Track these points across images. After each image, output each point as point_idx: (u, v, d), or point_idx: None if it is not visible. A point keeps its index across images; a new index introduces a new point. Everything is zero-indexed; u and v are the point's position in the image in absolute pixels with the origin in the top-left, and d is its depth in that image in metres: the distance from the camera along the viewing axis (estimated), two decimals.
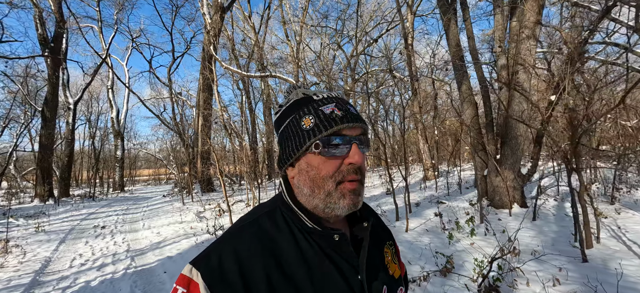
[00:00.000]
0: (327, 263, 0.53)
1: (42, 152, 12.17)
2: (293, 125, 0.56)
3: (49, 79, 11.92)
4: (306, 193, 0.55)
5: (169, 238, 5.04)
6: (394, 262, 0.67)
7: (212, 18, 11.67)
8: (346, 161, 0.53)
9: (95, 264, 3.96)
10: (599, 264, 3.06)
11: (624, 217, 4.62)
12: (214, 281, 0.47)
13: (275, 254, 0.51)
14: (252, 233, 0.53)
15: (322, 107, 0.55)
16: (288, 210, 0.56)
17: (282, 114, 0.59)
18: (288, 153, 0.56)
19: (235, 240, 0.52)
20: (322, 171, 0.53)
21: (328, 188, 0.53)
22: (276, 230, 0.54)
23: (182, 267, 3.20)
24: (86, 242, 5.26)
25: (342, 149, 0.53)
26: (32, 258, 4.35)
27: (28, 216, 8.19)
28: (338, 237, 0.54)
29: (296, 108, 0.57)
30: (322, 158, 0.53)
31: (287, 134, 0.57)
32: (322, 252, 0.54)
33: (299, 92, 0.59)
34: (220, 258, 0.49)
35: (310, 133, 0.53)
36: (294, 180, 0.57)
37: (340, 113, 0.54)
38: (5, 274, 3.70)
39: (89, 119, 23.13)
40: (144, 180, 29.92)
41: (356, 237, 0.60)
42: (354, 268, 0.55)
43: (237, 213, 6.95)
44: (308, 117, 0.55)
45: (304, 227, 0.54)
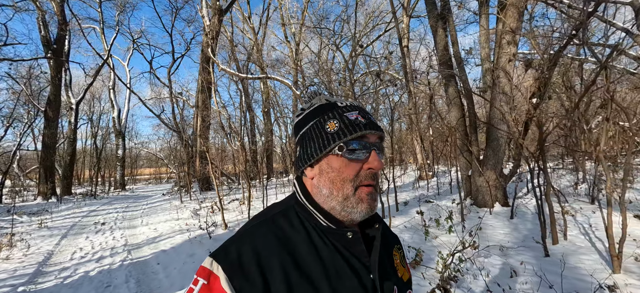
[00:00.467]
0: (340, 261, 0.55)
1: (45, 151, 12.52)
2: (317, 127, 0.58)
3: (52, 80, 12.26)
4: (325, 193, 0.56)
5: (164, 233, 5.33)
6: (402, 265, 0.69)
7: (211, 20, 11.97)
8: (365, 166, 0.56)
9: (94, 257, 4.26)
10: (558, 259, 3.31)
11: (598, 215, 4.85)
12: (234, 273, 0.49)
13: (290, 251, 0.52)
14: (268, 229, 0.55)
15: (346, 113, 0.58)
16: (302, 209, 0.58)
17: (305, 117, 0.61)
18: (310, 153, 0.58)
19: (252, 236, 0.53)
20: (342, 173, 0.55)
21: (347, 191, 0.55)
22: (291, 228, 0.55)
23: (175, 259, 3.49)
24: (86, 237, 5.57)
25: (363, 154, 0.56)
26: (35, 251, 4.66)
27: (31, 213, 8.52)
28: (351, 234, 0.56)
29: (320, 112, 0.59)
30: (344, 161, 0.55)
31: (309, 136, 0.59)
32: (336, 250, 0.55)
33: (322, 98, 0.62)
34: (239, 252, 0.51)
35: (335, 136, 0.55)
36: (314, 181, 0.59)
37: (363, 120, 0.57)
38: (11, 265, 4.01)
39: (91, 119, 23.55)
40: (145, 179, 30.34)
41: (368, 237, 0.61)
42: (366, 268, 0.56)
43: (232, 211, 7.23)
44: (332, 121, 0.57)
45: (318, 225, 0.56)
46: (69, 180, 14.59)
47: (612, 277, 2.77)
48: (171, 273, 3.35)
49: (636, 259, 3.14)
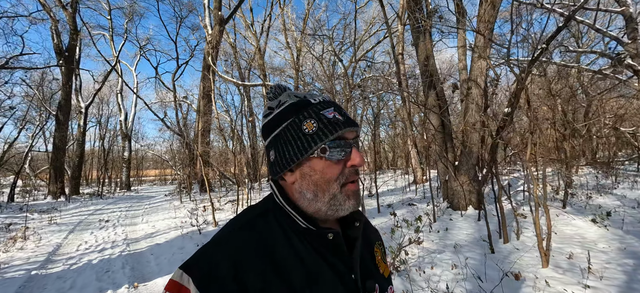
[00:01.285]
0: (321, 263, 0.54)
1: (55, 153, 13.30)
2: (293, 129, 0.55)
3: (63, 85, 13.06)
4: (309, 197, 0.55)
5: (161, 230, 5.89)
6: (383, 261, 0.68)
7: (213, 29, 12.63)
8: (348, 164, 0.55)
9: (97, 248, 4.82)
10: (501, 256, 3.73)
11: (561, 219, 5.23)
12: (206, 285, 0.47)
13: (269, 256, 0.51)
14: (245, 235, 0.53)
15: (322, 112, 0.55)
16: (281, 212, 0.56)
17: (276, 117, 0.58)
18: (288, 157, 0.55)
19: (227, 243, 0.51)
20: (327, 174, 0.54)
21: (333, 191, 0.54)
22: (269, 232, 0.54)
23: (166, 251, 4.05)
24: (91, 232, 6.16)
25: (345, 152, 0.55)
26: (46, 243, 5.26)
27: (42, 211, 9.20)
28: (332, 235, 0.55)
29: (294, 112, 0.56)
30: (326, 162, 0.54)
31: (285, 138, 0.56)
32: (316, 252, 0.54)
33: (291, 95, 0.59)
34: (212, 262, 0.49)
35: (315, 137, 0.54)
36: (295, 186, 0.57)
37: (341, 118, 0.55)
38: (25, 254, 4.60)
39: (100, 121, 24.51)
40: (150, 180, 31.25)
41: (348, 237, 0.60)
42: (347, 268, 0.56)
43: (226, 210, 7.77)
44: (309, 121, 0.55)
45: (297, 228, 0.55)
46: (78, 180, 15.37)
47: (539, 271, 3.19)
48: (161, 262, 3.88)
49: (569, 257, 3.54)
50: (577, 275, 3.03)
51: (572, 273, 3.08)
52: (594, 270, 3.13)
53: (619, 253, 3.63)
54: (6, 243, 5.19)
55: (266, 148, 0.61)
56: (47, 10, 13.03)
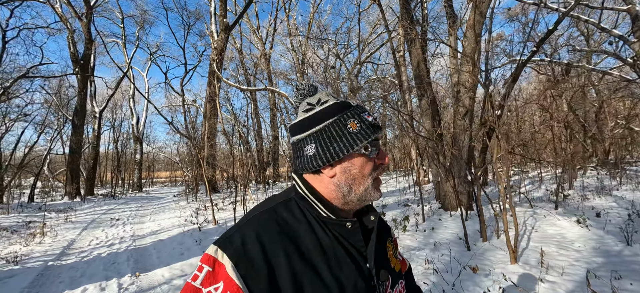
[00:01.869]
0: (341, 250, 0.58)
1: (72, 156, 14.07)
2: (338, 126, 0.60)
3: (79, 92, 13.83)
4: (345, 190, 0.60)
5: (165, 228, 6.33)
6: (395, 256, 0.72)
7: (219, 36, 13.16)
8: (378, 162, 0.63)
9: (106, 243, 5.28)
10: (477, 253, 3.95)
11: (547, 220, 5.38)
12: (239, 260, 0.51)
13: (292, 239, 0.55)
14: (271, 218, 0.57)
15: (362, 114, 0.62)
16: (303, 200, 0.61)
17: (319, 113, 0.62)
18: (333, 153, 0.60)
19: (255, 224, 0.56)
20: (364, 170, 0.61)
21: (367, 185, 0.61)
22: (293, 218, 0.59)
23: (167, 246, 4.48)
24: (102, 229, 6.66)
25: (377, 152, 0.63)
26: (61, 238, 5.77)
27: (59, 210, 9.84)
28: (351, 224, 0.60)
29: (338, 110, 0.62)
30: (365, 159, 0.61)
31: (329, 134, 0.60)
32: (336, 240, 0.59)
33: (329, 95, 0.65)
34: (243, 240, 0.53)
35: (360, 136, 0.60)
36: (334, 179, 0.61)
37: (377, 122, 0.63)
38: (43, 247, 5.09)
39: (113, 125, 25.54)
40: (162, 181, 32.23)
41: (365, 228, 0.65)
42: (363, 257, 0.60)
43: (229, 211, 8.17)
44: (353, 121, 0.61)
45: (319, 216, 0.60)
46: (92, 181, 16.17)
47: (506, 267, 3.42)
48: (162, 256, 4.28)
49: (541, 255, 3.74)
50: (542, 272, 3.24)
51: (537, 270, 3.30)
52: (558, 267, 3.34)
53: (592, 252, 3.81)
54: (26, 238, 5.72)
55: (299, 141, 0.63)
56: (64, 20, 13.87)
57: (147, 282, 3.38)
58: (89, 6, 14.38)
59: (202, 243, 4.76)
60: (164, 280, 3.39)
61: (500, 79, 7.21)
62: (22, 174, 18.97)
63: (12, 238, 5.83)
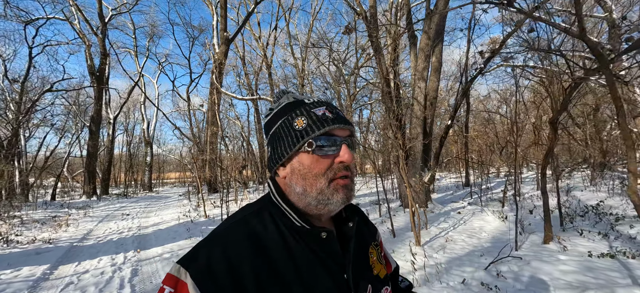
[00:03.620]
0: (314, 261, 0.56)
1: (89, 159, 15.81)
2: (285, 126, 0.60)
3: (95, 101, 15.55)
4: (298, 191, 0.58)
5: (165, 221, 7.69)
6: (379, 262, 0.71)
7: (219, 48, 14.57)
8: (337, 160, 0.58)
9: (117, 231, 6.66)
10: (398, 239, 5.05)
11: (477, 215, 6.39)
12: (202, 279, 0.49)
13: (263, 252, 0.54)
14: (240, 231, 0.56)
15: (313, 110, 0.60)
16: (276, 209, 0.60)
17: (273, 116, 0.64)
18: (280, 153, 0.60)
19: (222, 239, 0.55)
20: (314, 169, 0.57)
21: (320, 186, 0.57)
22: (263, 229, 0.57)
23: (164, 233, 5.90)
24: (115, 222, 8.08)
25: (333, 149, 0.58)
26: (82, 228, 7.20)
27: (78, 208, 11.43)
28: (325, 234, 0.58)
29: (288, 110, 0.62)
30: (314, 157, 0.57)
31: (278, 135, 0.61)
32: (310, 250, 0.57)
33: (290, 96, 0.64)
34: (208, 257, 0.52)
35: (303, 132, 0.58)
36: (286, 180, 0.60)
37: (331, 115, 0.59)
38: (67, 234, 6.51)
39: (126, 129, 27.55)
40: (171, 182, 34.19)
41: (343, 237, 0.64)
42: (340, 267, 0.59)
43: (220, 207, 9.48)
44: (300, 118, 0.59)
45: (292, 226, 0.58)
46: (107, 182, 17.92)
47: (412, 248, 4.51)
48: (159, 239, 5.60)
49: (446, 240, 4.83)
50: (434, 250, 4.35)
51: (431, 250, 4.40)
52: (453, 249, 4.43)
53: (489, 238, 4.87)
54: (54, 228, 7.18)
55: (267, 145, 0.66)
56: (81, 36, 15.62)
57: (145, 255, 4.69)
58: (104, 22, 16.10)
59: (191, 231, 6.05)
60: (156, 253, 4.69)
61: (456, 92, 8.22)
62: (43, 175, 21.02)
63: (43, 228, 7.30)
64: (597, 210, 5.67)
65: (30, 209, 10.33)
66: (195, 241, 5.25)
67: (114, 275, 3.83)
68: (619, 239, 4.19)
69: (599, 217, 5.10)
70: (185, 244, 5.13)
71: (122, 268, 4.09)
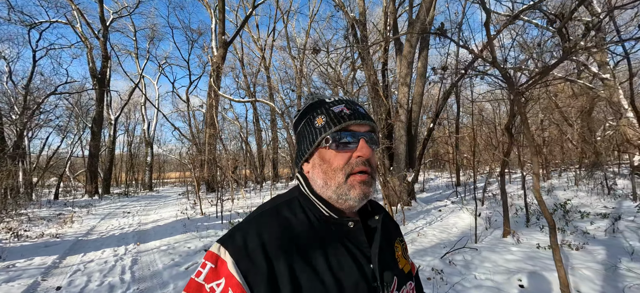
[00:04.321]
0: (342, 250, 0.59)
1: (90, 159, 16.37)
2: (308, 124, 0.65)
3: (97, 102, 16.10)
4: (320, 185, 0.62)
5: (164, 218, 8.21)
6: (404, 257, 0.73)
7: (217, 51, 15.08)
8: (355, 155, 0.61)
9: (119, 227, 7.19)
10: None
11: (455, 213, 6.86)
12: (240, 258, 0.54)
13: (294, 239, 0.57)
14: (273, 218, 0.60)
15: (332, 107, 0.64)
16: (306, 200, 0.64)
17: (299, 117, 0.69)
18: (303, 149, 0.66)
19: (257, 223, 0.59)
20: (333, 164, 0.61)
21: (339, 180, 0.60)
22: (294, 218, 0.61)
23: (162, 228, 6.45)
24: (116, 219, 8.61)
25: (351, 144, 0.61)
26: (86, 224, 7.73)
27: (81, 206, 11.98)
28: (353, 224, 0.62)
29: (311, 110, 0.67)
30: (333, 153, 0.61)
31: (302, 133, 0.67)
32: (338, 239, 0.60)
33: (315, 97, 0.69)
34: (245, 238, 0.56)
35: (322, 129, 0.62)
36: (309, 174, 0.65)
37: (348, 111, 0.63)
38: (72, 230, 7.04)
39: (127, 129, 28.14)
40: (172, 182, 34.78)
41: (369, 228, 0.66)
42: (366, 258, 0.61)
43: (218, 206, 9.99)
44: (320, 117, 0.64)
45: (321, 215, 0.62)
46: (108, 181, 18.48)
47: None
48: (157, 234, 6.11)
49: (418, 235, 5.31)
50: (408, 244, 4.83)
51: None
52: (422, 241, 4.91)
53: (458, 233, 5.35)
54: (60, 224, 7.71)
55: (295, 144, 0.71)
56: (83, 39, 16.18)
57: (144, 247, 5.20)
58: (105, 26, 16.65)
59: (187, 227, 6.56)
60: (154, 246, 5.20)
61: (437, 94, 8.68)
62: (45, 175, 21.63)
63: (49, 224, 7.83)
64: (565, 208, 6.13)
65: (35, 207, 10.88)
66: (191, 236, 5.76)
67: (116, 264, 4.34)
68: (574, 234, 4.66)
69: (567, 214, 5.55)
70: (181, 238, 5.64)
71: (123, 258, 4.60)
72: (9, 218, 7.74)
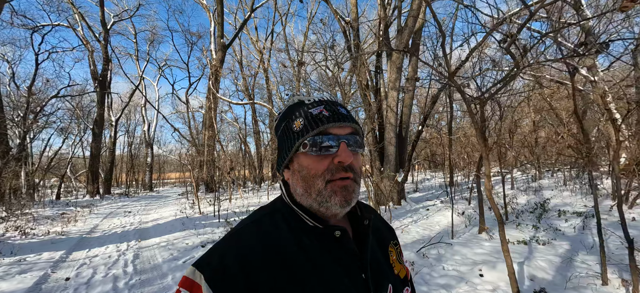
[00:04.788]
0: (330, 261, 0.56)
1: (92, 160, 16.76)
2: (286, 129, 0.61)
3: (98, 104, 16.50)
4: (300, 193, 0.59)
5: (164, 216, 8.59)
6: (399, 261, 0.69)
7: (216, 54, 15.47)
8: (335, 160, 0.57)
9: (121, 226, 7.57)
10: None
11: (441, 212, 7.21)
12: (217, 281, 0.50)
13: (277, 254, 0.53)
14: (253, 233, 0.56)
15: (310, 110, 0.60)
16: (288, 210, 0.60)
17: (278, 120, 0.65)
18: (282, 155, 0.62)
19: (236, 241, 0.55)
20: (312, 170, 0.57)
21: (318, 187, 0.56)
22: (277, 231, 0.57)
23: (162, 226, 6.87)
24: (118, 218, 8.99)
25: (331, 148, 0.57)
26: (89, 223, 8.11)
27: (83, 206, 12.37)
28: (339, 233, 0.57)
29: (289, 113, 0.62)
30: (312, 158, 0.57)
31: (281, 138, 0.62)
32: (325, 250, 0.56)
33: (295, 98, 0.65)
34: (221, 260, 0.52)
35: (299, 134, 0.58)
36: (290, 182, 0.61)
37: (327, 113, 0.58)
38: (76, 228, 7.43)
39: (128, 130, 28.55)
40: (172, 182, 35.20)
41: (360, 236, 0.62)
42: (358, 266, 0.58)
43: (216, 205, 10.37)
44: (298, 120, 0.59)
45: (304, 226, 0.58)
46: (109, 182, 18.88)
47: None
48: (157, 232, 6.49)
49: (402, 231, 5.67)
50: None
51: None
52: (404, 238, 5.27)
53: (440, 230, 5.70)
54: (64, 223, 8.09)
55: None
56: (84, 42, 16.58)
57: (145, 244, 5.57)
58: (106, 29, 17.05)
59: (185, 225, 6.93)
60: (154, 242, 5.58)
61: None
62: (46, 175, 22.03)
63: (54, 223, 8.21)
64: (544, 207, 6.49)
65: (38, 207, 11.27)
66: (189, 233, 6.13)
67: (119, 258, 4.71)
68: (547, 230, 5.01)
69: (546, 212, 5.89)
70: (180, 235, 6.01)
71: (125, 253, 4.98)
72: (14, 217, 8.12)
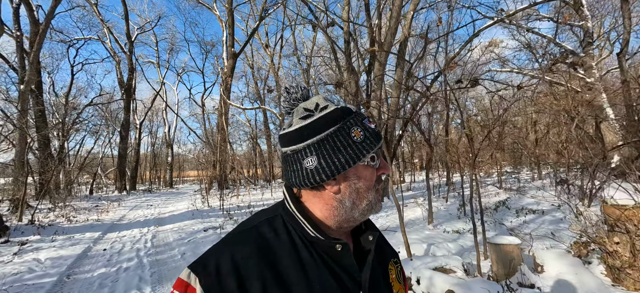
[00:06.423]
0: (327, 275, 0.54)
1: (120, 159, 18.91)
2: (342, 135, 0.56)
3: (125, 109, 18.61)
4: (348, 206, 0.56)
5: (179, 209, 10.21)
6: (398, 281, 0.68)
7: (227, 63, 17.07)
8: (379, 172, 0.59)
9: (143, 216, 9.23)
10: None
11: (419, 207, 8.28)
12: (211, 286, 0.50)
13: (273, 263, 0.52)
14: (251, 239, 0.55)
15: (364, 121, 0.59)
16: (290, 218, 0.58)
17: (319, 121, 0.57)
18: (338, 165, 0.55)
19: (233, 246, 0.54)
20: (369, 182, 0.57)
21: (370, 197, 0.58)
22: (275, 238, 0.56)
23: (176, 216, 8.53)
24: (141, 210, 10.73)
25: (378, 162, 0.60)
26: (118, 214, 9.87)
27: (113, 200, 14.35)
28: (340, 247, 0.55)
29: (340, 117, 0.57)
30: (370, 170, 0.58)
31: (333, 145, 0.56)
32: (324, 263, 0.55)
33: (328, 99, 0.61)
34: (218, 264, 0.52)
35: (365, 145, 0.56)
36: (338, 195, 0.57)
37: (378, 130, 0.60)
38: (108, 217, 9.16)
39: (151, 131, 31.09)
40: (191, 180, 37.68)
41: (360, 251, 0.61)
42: (355, 283, 0.56)
43: (226, 201, 11.90)
44: (357, 129, 0.56)
45: (305, 235, 0.56)
46: (135, 179, 21.07)
47: None
48: (172, 220, 8.04)
49: (384, 230, 6.82)
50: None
51: None
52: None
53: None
54: (98, 213, 9.88)
55: (295, 153, 0.58)
56: (112, 54, 18.72)
57: (161, 228, 7.12)
58: (131, 41, 19.12)
59: (195, 215, 8.44)
60: (168, 228, 7.11)
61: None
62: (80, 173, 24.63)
63: (90, 213, 10.02)
64: (505, 204, 7.47)
65: (76, 201, 13.31)
66: (196, 221, 7.61)
67: (141, 237, 6.25)
68: (492, 224, 6.02)
69: (507, 209, 6.85)
70: (189, 223, 7.50)
71: (146, 235, 6.51)
72: (59, 208, 10.00)
